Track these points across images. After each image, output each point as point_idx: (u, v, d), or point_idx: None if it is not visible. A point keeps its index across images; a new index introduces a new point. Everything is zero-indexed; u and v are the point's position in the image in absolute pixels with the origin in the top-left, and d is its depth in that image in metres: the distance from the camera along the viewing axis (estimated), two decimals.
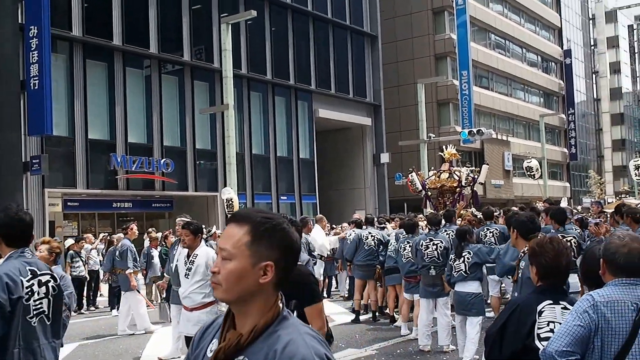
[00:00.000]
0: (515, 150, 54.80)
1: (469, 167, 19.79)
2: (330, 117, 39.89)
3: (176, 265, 9.22)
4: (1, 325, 4.05)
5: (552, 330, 3.71)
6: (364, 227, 14.69)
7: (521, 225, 6.67)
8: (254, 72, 35.31)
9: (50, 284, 4.41)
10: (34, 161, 23.85)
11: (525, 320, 3.85)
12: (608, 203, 31.71)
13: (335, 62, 40.82)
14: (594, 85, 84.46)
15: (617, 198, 43.94)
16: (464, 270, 9.82)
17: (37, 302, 4.30)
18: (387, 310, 14.14)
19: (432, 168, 20.60)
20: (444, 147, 20.75)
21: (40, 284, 4.34)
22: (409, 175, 19.24)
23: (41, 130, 23.12)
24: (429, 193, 19.09)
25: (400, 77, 48.51)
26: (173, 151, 30.97)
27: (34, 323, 4.25)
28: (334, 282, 19.85)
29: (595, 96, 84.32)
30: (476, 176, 18.36)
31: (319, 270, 15.28)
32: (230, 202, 23.54)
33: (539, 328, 3.79)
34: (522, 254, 6.48)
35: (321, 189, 39.96)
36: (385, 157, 42.29)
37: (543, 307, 3.86)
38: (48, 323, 4.35)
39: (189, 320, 8.11)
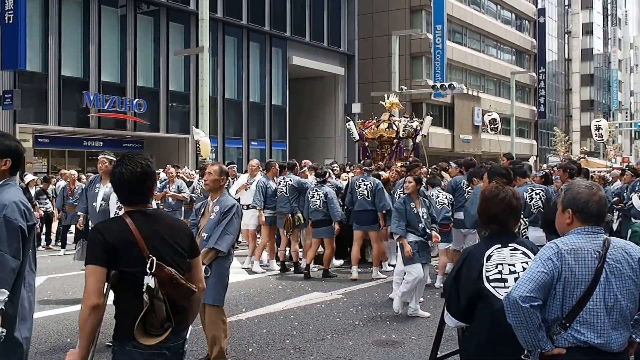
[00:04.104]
0: (486, 106, 55.04)
1: (406, 117, 18.74)
2: (304, 65, 40.00)
3: (102, 204, 8.77)
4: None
5: (500, 272, 3.91)
6: (287, 173, 13.54)
7: (495, 175, 6.99)
8: (229, 16, 35.20)
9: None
10: (6, 95, 23.88)
11: (475, 265, 3.97)
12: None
13: (311, 10, 40.74)
14: (566, 45, 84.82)
15: (579, 157, 44.54)
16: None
17: None
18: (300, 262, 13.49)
19: (372, 117, 19.37)
20: (385, 95, 19.89)
21: None
22: (347, 124, 18.31)
23: (14, 64, 23.10)
24: (366, 143, 18.49)
25: (374, 28, 48.40)
26: (146, 92, 30.97)
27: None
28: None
29: (566, 56, 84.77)
30: (419, 128, 17.70)
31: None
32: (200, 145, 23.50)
33: (487, 271, 3.93)
34: None
35: (292, 136, 40.20)
36: (356, 107, 42.43)
37: (492, 252, 3.99)
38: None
39: None
